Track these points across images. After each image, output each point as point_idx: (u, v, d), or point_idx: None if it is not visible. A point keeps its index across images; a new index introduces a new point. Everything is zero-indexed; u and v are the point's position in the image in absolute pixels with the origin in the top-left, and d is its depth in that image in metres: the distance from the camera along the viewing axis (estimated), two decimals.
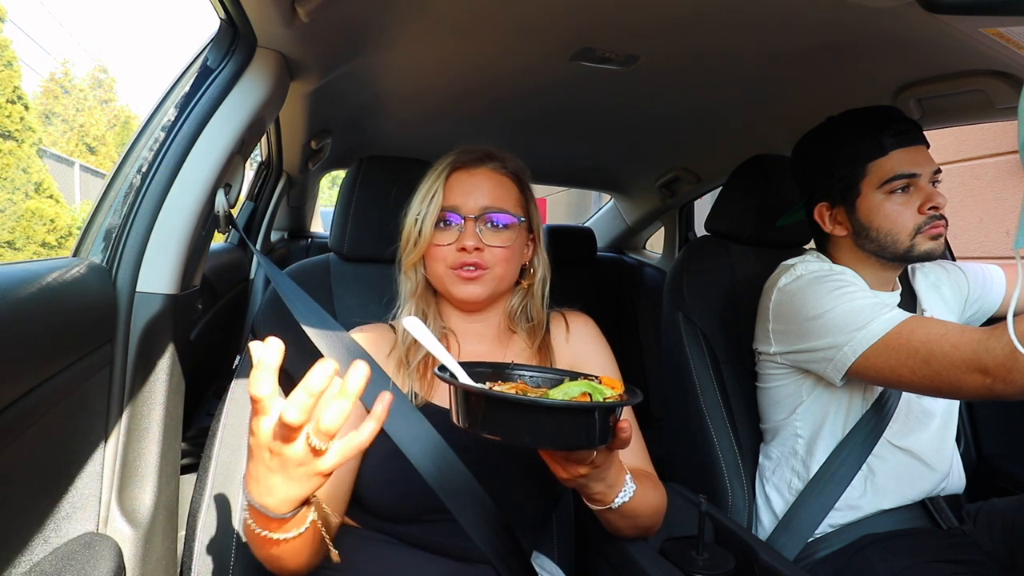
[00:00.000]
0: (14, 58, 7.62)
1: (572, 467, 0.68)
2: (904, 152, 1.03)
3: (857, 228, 1.08)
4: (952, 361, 0.83)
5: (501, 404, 0.61)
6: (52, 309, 0.68)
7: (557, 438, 0.62)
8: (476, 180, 0.90)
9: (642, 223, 2.71)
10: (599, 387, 0.66)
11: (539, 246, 0.97)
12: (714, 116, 1.58)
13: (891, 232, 1.05)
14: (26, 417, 0.63)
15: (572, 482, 0.70)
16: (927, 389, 0.89)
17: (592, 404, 0.63)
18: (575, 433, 0.62)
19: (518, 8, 1.00)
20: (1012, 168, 2.55)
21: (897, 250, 1.05)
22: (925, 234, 1.04)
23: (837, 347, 0.97)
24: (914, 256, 1.05)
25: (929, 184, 1.04)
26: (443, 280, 0.90)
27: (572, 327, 0.98)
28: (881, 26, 0.96)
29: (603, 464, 0.69)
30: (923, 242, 1.04)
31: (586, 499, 0.76)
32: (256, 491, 0.59)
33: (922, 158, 1.04)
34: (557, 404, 0.61)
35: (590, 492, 0.73)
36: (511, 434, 0.61)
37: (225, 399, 1.00)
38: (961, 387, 0.84)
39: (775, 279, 1.13)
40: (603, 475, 0.71)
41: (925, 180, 1.04)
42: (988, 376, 0.79)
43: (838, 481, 1.06)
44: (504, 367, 0.76)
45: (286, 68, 1.01)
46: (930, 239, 1.04)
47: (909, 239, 1.04)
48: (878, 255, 1.08)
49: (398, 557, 0.83)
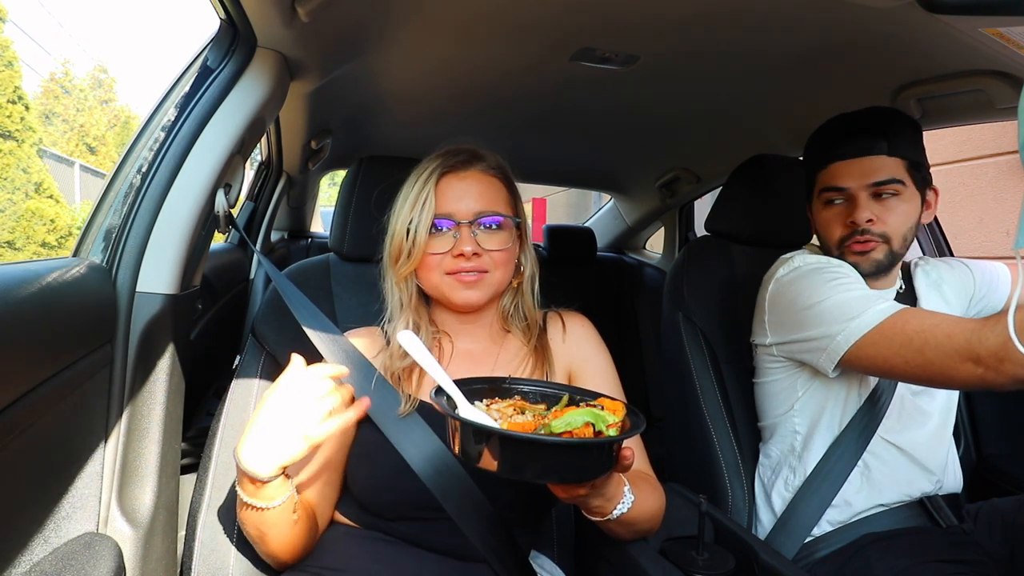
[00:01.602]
0: (15, 58, 7.62)
1: (572, 489, 0.68)
2: (843, 164, 1.05)
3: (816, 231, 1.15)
4: (945, 350, 0.84)
5: (504, 441, 0.59)
6: (52, 309, 0.68)
7: (562, 473, 0.61)
8: (467, 184, 0.88)
9: (642, 223, 2.71)
10: (602, 415, 0.64)
11: (526, 243, 0.95)
12: (714, 116, 1.58)
13: (826, 240, 1.11)
14: (26, 417, 0.63)
15: (571, 500, 0.71)
16: (920, 379, 0.90)
17: (600, 441, 0.61)
18: (580, 468, 0.61)
19: (518, 8, 1.00)
20: (1012, 168, 2.55)
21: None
22: (849, 248, 1.06)
23: (831, 336, 0.97)
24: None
25: (869, 197, 1.03)
26: (440, 287, 0.88)
27: (569, 327, 0.98)
28: (881, 26, 0.96)
29: (603, 483, 0.69)
30: (848, 255, 1.07)
31: (585, 512, 0.76)
32: (247, 455, 0.70)
33: (863, 171, 1.03)
34: (564, 443, 0.59)
35: (589, 507, 0.73)
36: (511, 469, 0.59)
37: (225, 399, 1.00)
38: (953, 376, 0.84)
39: (773, 271, 1.14)
40: (602, 491, 0.71)
41: (861, 193, 1.04)
42: (980, 366, 0.80)
43: (835, 478, 1.06)
44: (501, 381, 0.75)
45: (286, 68, 1.01)
46: (853, 254, 1.06)
47: (836, 250, 1.09)
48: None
49: (396, 556, 0.83)
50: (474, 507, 0.80)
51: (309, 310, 0.90)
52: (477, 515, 0.80)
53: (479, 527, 0.80)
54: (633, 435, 0.63)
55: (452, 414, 0.62)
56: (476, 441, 0.61)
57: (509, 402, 0.71)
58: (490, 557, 0.80)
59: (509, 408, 0.70)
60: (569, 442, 0.60)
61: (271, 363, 1.04)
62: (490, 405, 0.69)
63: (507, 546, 0.81)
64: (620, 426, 0.65)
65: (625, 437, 0.62)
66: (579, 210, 7.69)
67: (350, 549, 0.84)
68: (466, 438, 0.61)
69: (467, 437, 0.61)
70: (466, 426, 0.61)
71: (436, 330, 0.94)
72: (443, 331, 0.95)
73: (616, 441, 0.61)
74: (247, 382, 1.02)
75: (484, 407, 0.68)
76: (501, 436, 0.59)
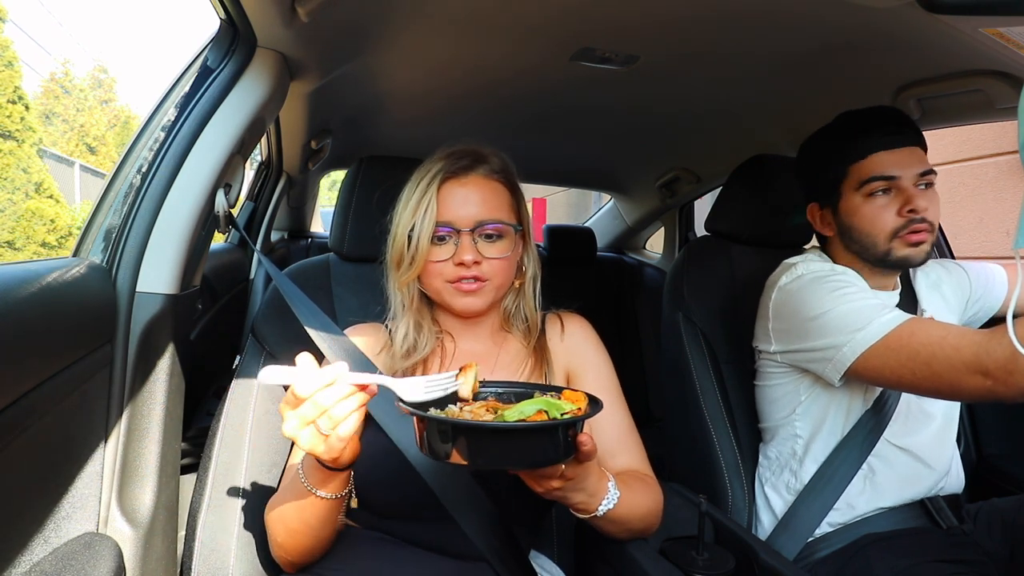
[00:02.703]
0: (15, 58, 7.62)
1: (544, 482, 0.68)
2: (887, 154, 1.03)
3: (841, 230, 1.09)
4: (953, 363, 0.83)
5: (455, 430, 0.61)
6: (52, 309, 0.68)
7: (514, 459, 0.63)
8: (468, 190, 0.88)
9: (642, 223, 2.71)
10: (556, 403, 0.66)
11: (529, 244, 0.96)
12: (714, 116, 1.58)
13: (869, 235, 1.05)
14: (26, 417, 0.63)
15: (549, 495, 0.70)
16: (927, 391, 0.89)
17: (543, 424, 0.62)
18: (532, 453, 0.62)
19: (518, 8, 1.00)
20: (1012, 168, 2.55)
21: (876, 254, 1.05)
22: (903, 239, 1.02)
23: (836, 347, 0.97)
24: (891, 261, 1.05)
25: (914, 187, 1.03)
26: (441, 295, 0.89)
27: (567, 328, 0.98)
28: (881, 26, 0.96)
29: (577, 476, 0.69)
30: (900, 247, 1.03)
31: (572, 510, 0.76)
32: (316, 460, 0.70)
33: (907, 160, 1.03)
34: (502, 427, 0.61)
35: (572, 503, 0.73)
36: (465, 458, 0.61)
37: (225, 399, 1.00)
38: (962, 389, 0.83)
39: (776, 277, 1.13)
40: (580, 486, 0.71)
41: (908, 182, 1.02)
42: (989, 378, 0.79)
43: (838, 481, 1.06)
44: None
45: (286, 68, 1.01)
46: (908, 245, 1.02)
47: (886, 243, 1.04)
48: (861, 257, 1.08)
49: (396, 555, 0.83)
50: (475, 506, 0.80)
51: (310, 309, 0.90)
52: (478, 514, 0.80)
53: (480, 526, 0.80)
54: (581, 420, 0.63)
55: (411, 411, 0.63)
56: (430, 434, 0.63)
57: (481, 403, 0.72)
58: (490, 556, 0.80)
59: (482, 409, 0.70)
60: (511, 426, 0.61)
61: (271, 363, 1.03)
62: (463, 408, 0.70)
63: (507, 546, 0.81)
64: (576, 414, 0.65)
65: (573, 421, 0.62)
66: (579, 210, 7.69)
67: (350, 549, 0.84)
68: (429, 432, 0.63)
69: (431, 431, 0.63)
70: (424, 420, 0.63)
71: (439, 330, 0.95)
72: (446, 331, 0.95)
73: (562, 424, 0.62)
74: (247, 382, 1.02)
75: (458, 410, 0.69)
76: (452, 425, 0.61)
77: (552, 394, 0.70)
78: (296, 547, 0.79)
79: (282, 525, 0.79)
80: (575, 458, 0.65)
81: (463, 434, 0.61)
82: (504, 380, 0.81)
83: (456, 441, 0.61)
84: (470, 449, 0.61)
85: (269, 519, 0.81)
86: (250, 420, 0.99)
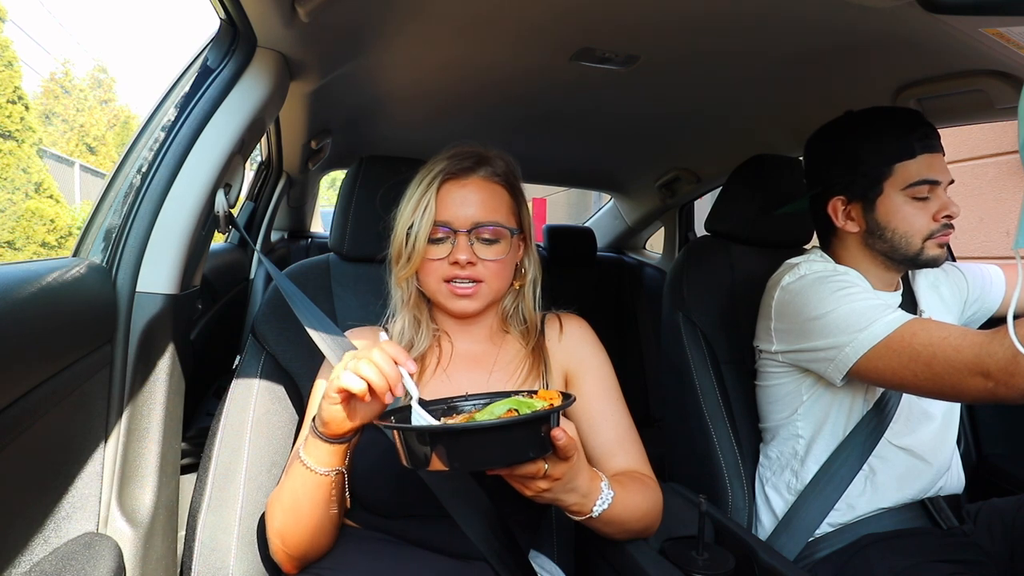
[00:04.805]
0: (14, 58, 7.62)
1: (530, 483, 0.68)
2: (930, 157, 1.04)
3: (872, 227, 1.08)
4: (954, 365, 0.83)
5: (427, 436, 0.62)
6: (52, 309, 0.68)
7: (488, 459, 0.63)
8: (467, 192, 0.88)
9: (642, 223, 2.71)
10: (527, 401, 0.66)
11: (530, 246, 0.96)
12: (714, 116, 1.58)
13: (906, 235, 1.05)
14: (26, 417, 0.63)
15: (539, 498, 0.70)
16: (929, 392, 0.89)
17: (505, 421, 0.63)
18: (503, 451, 0.63)
19: (518, 9, 1.00)
20: (1012, 168, 2.55)
21: (907, 253, 1.06)
22: (935, 240, 1.05)
23: (839, 348, 0.97)
24: (921, 261, 1.06)
25: (944, 193, 1.05)
26: (436, 295, 0.90)
27: (566, 328, 0.98)
28: (881, 26, 0.96)
29: (564, 476, 0.68)
30: (931, 248, 1.05)
31: (566, 512, 0.76)
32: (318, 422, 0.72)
33: (943, 166, 1.05)
34: (470, 426, 0.62)
35: (565, 505, 0.73)
36: (443, 462, 0.62)
37: (225, 399, 1.00)
38: (963, 390, 0.83)
39: (778, 277, 1.13)
40: (570, 486, 0.70)
41: (943, 188, 1.05)
42: (990, 380, 0.79)
43: (838, 482, 1.06)
44: (457, 400, 0.77)
45: (286, 68, 1.01)
46: (938, 246, 1.05)
47: (920, 243, 1.05)
48: (887, 256, 1.08)
49: (396, 555, 0.83)
50: (475, 506, 0.80)
51: (310, 310, 0.91)
52: (478, 514, 0.80)
53: (480, 526, 0.80)
54: (550, 414, 0.63)
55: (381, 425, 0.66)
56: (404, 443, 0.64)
57: (463, 415, 0.72)
58: (490, 556, 0.80)
59: (461, 419, 0.71)
60: (478, 425, 0.62)
61: (271, 363, 1.04)
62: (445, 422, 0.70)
63: (507, 545, 0.81)
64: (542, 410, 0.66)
65: (540, 415, 0.63)
66: (579, 210, 7.70)
67: (351, 549, 0.84)
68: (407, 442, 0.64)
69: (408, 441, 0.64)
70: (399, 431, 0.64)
71: (437, 329, 0.95)
72: (443, 331, 0.95)
73: (531, 419, 0.62)
74: (247, 382, 1.02)
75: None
76: (420, 431, 0.63)
77: (525, 394, 0.71)
78: (291, 533, 0.79)
79: (278, 504, 0.79)
80: (554, 454, 0.65)
81: (435, 438, 0.62)
82: (484, 392, 0.81)
83: (432, 446, 0.62)
84: (447, 453, 0.62)
85: (267, 504, 0.82)
86: (250, 420, 0.99)
